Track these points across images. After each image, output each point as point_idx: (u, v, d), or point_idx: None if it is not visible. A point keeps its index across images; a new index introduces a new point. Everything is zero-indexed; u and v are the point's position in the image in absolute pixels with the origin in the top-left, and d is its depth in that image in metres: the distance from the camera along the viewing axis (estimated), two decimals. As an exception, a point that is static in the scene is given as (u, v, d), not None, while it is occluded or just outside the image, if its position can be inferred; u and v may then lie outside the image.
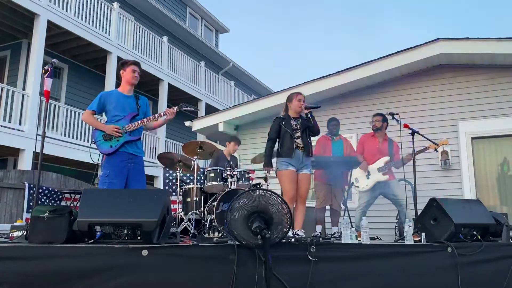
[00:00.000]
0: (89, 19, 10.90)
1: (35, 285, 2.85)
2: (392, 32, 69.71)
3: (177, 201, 5.74)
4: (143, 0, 13.80)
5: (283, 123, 4.57)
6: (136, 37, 12.53)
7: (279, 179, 4.56)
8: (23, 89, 9.76)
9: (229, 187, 5.26)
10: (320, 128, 4.78)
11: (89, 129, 10.43)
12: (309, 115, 4.59)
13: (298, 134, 4.54)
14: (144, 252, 2.97)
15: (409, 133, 5.12)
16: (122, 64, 4.43)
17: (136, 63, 4.43)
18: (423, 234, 3.97)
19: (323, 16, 71.62)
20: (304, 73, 67.17)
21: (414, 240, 3.96)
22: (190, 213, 5.33)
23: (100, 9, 11.30)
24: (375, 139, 5.74)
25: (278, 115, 4.75)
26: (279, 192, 4.91)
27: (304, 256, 3.31)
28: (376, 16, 67.42)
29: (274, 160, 4.70)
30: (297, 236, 3.96)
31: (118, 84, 4.52)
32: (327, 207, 6.04)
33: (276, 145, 4.66)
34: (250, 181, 5.57)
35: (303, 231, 4.33)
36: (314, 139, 6.44)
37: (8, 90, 9.09)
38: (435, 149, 5.47)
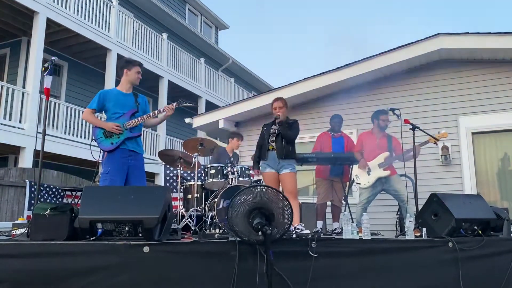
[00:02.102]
0: (89, 17, 10.88)
1: (37, 282, 2.86)
2: (395, 27, 69.55)
3: (178, 198, 5.75)
4: (142, -3, 13.79)
5: (265, 128, 4.86)
6: (136, 34, 12.50)
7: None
8: (23, 87, 9.76)
9: (230, 183, 5.26)
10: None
11: (89, 126, 10.43)
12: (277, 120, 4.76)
13: (273, 138, 4.75)
14: (146, 249, 2.97)
15: (410, 129, 5.11)
16: (127, 62, 4.42)
17: (141, 65, 4.49)
18: (424, 229, 3.98)
19: (323, 11, 71.48)
20: (305, 69, 67.07)
21: (415, 235, 3.96)
22: (191, 209, 5.34)
23: (100, 6, 11.28)
24: (373, 136, 5.73)
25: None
26: (280, 189, 4.94)
27: (305, 251, 3.31)
28: (375, 11, 67.28)
29: None
30: (297, 231, 3.97)
31: (118, 82, 4.52)
32: (328, 202, 6.05)
33: None
34: (251, 178, 5.58)
35: (303, 225, 4.36)
36: (314, 136, 6.46)
37: (8, 88, 9.09)
38: (435, 143, 5.46)
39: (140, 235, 3.09)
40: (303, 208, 6.01)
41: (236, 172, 5.31)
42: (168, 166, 6.97)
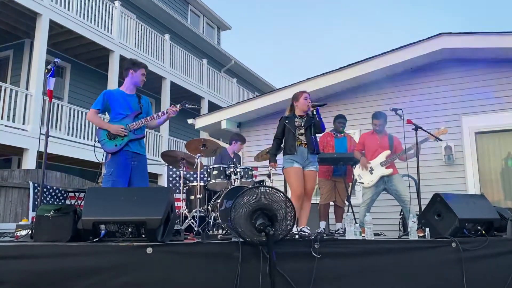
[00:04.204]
0: (91, 18, 10.91)
1: (40, 283, 2.87)
2: (395, 27, 69.45)
3: (181, 198, 5.76)
4: (145, -2, 13.82)
5: (287, 121, 4.61)
6: (138, 35, 12.53)
7: (286, 176, 4.59)
8: (26, 89, 9.80)
9: (233, 184, 5.26)
10: (326, 124, 4.78)
11: (92, 127, 10.46)
12: (314, 112, 4.59)
13: (302, 131, 4.55)
14: (149, 250, 2.98)
15: (412, 129, 5.10)
16: (133, 64, 4.39)
17: (146, 67, 4.48)
18: (427, 229, 3.97)
19: (324, 11, 71.47)
20: (307, 69, 67.07)
21: (418, 235, 3.95)
22: (194, 210, 5.34)
23: (102, 8, 11.31)
24: (374, 135, 5.73)
25: (283, 115, 4.77)
26: (283, 189, 4.93)
27: (308, 252, 3.31)
28: (377, 12, 67.20)
29: (280, 156, 4.73)
30: (302, 233, 3.96)
31: (120, 83, 4.53)
32: (331, 203, 6.04)
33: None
34: (254, 178, 5.58)
35: (309, 228, 4.32)
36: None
37: (11, 89, 9.12)
38: (436, 140, 5.45)
39: (143, 236, 3.09)
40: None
41: (238, 173, 5.31)
42: (171, 167, 6.98)
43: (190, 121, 9.35)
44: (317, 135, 4.71)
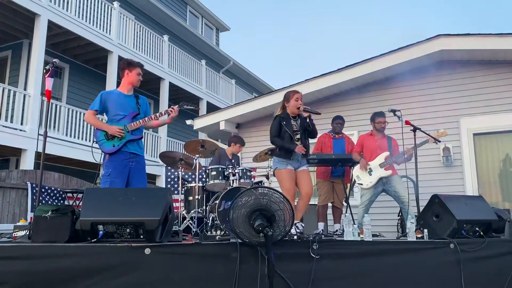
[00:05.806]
0: (90, 19, 10.90)
1: (38, 284, 2.86)
2: (394, 27, 69.59)
3: (179, 199, 5.75)
4: (144, -1, 13.82)
5: (284, 123, 4.57)
6: (137, 36, 12.52)
7: (278, 177, 4.55)
8: (25, 89, 9.77)
9: (231, 185, 5.26)
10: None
11: (90, 128, 10.44)
12: (308, 120, 4.59)
13: (298, 136, 4.56)
14: (147, 251, 2.98)
15: (411, 130, 5.10)
16: (128, 64, 4.38)
17: (142, 66, 4.45)
18: (425, 230, 3.97)
19: (323, 12, 71.55)
20: (305, 70, 67.09)
21: (416, 236, 3.95)
22: (192, 211, 5.34)
23: (101, 9, 11.30)
24: (373, 137, 5.73)
25: (277, 114, 4.73)
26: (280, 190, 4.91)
27: (306, 253, 3.31)
28: (373, 11, 67.29)
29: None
30: (297, 229, 3.97)
31: (119, 84, 4.52)
32: (329, 204, 6.04)
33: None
34: (252, 179, 5.58)
35: (303, 225, 4.34)
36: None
37: (9, 90, 9.11)
38: (435, 142, 5.46)
39: (142, 237, 3.09)
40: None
41: (237, 174, 5.32)
42: (169, 167, 6.97)
43: (188, 122, 9.34)
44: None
